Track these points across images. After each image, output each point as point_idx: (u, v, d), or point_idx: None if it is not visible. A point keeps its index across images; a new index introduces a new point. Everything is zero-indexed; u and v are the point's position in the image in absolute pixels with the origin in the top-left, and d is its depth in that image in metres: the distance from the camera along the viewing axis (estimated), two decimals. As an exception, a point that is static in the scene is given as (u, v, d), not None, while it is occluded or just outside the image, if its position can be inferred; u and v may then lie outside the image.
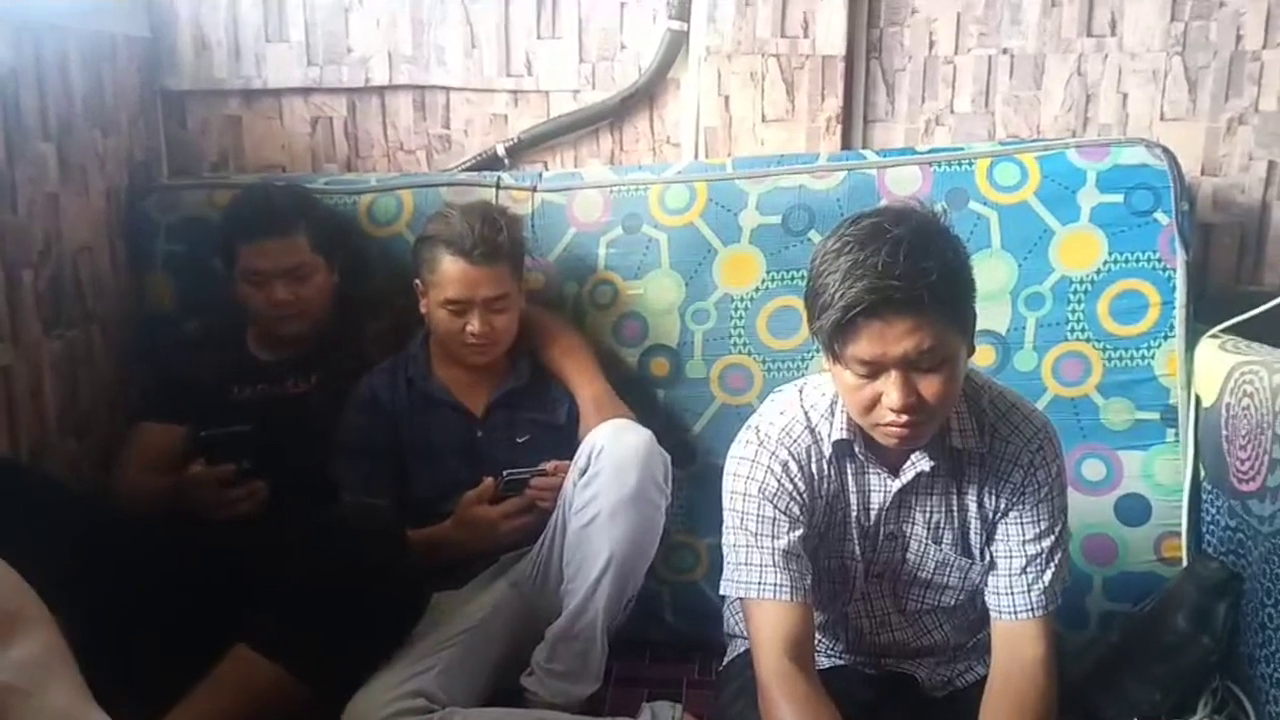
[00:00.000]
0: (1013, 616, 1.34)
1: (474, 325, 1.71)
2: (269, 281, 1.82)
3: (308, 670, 1.45)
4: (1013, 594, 1.35)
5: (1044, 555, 1.35)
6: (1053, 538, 1.36)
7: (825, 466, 1.36)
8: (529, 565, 1.72)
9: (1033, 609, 1.34)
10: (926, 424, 1.25)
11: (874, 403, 1.24)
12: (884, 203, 1.88)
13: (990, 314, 1.86)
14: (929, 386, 1.22)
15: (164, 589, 1.52)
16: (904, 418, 1.22)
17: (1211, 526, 1.74)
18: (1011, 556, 1.36)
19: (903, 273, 1.16)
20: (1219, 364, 1.71)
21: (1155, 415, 1.83)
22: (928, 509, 1.37)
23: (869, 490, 1.37)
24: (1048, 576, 1.35)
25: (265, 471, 1.66)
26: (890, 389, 1.21)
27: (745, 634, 1.42)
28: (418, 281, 1.78)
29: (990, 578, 1.38)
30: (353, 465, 1.77)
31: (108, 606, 1.42)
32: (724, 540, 1.39)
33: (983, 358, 1.85)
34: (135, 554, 1.54)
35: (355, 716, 1.43)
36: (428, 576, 1.68)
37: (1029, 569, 1.35)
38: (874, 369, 1.21)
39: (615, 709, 1.63)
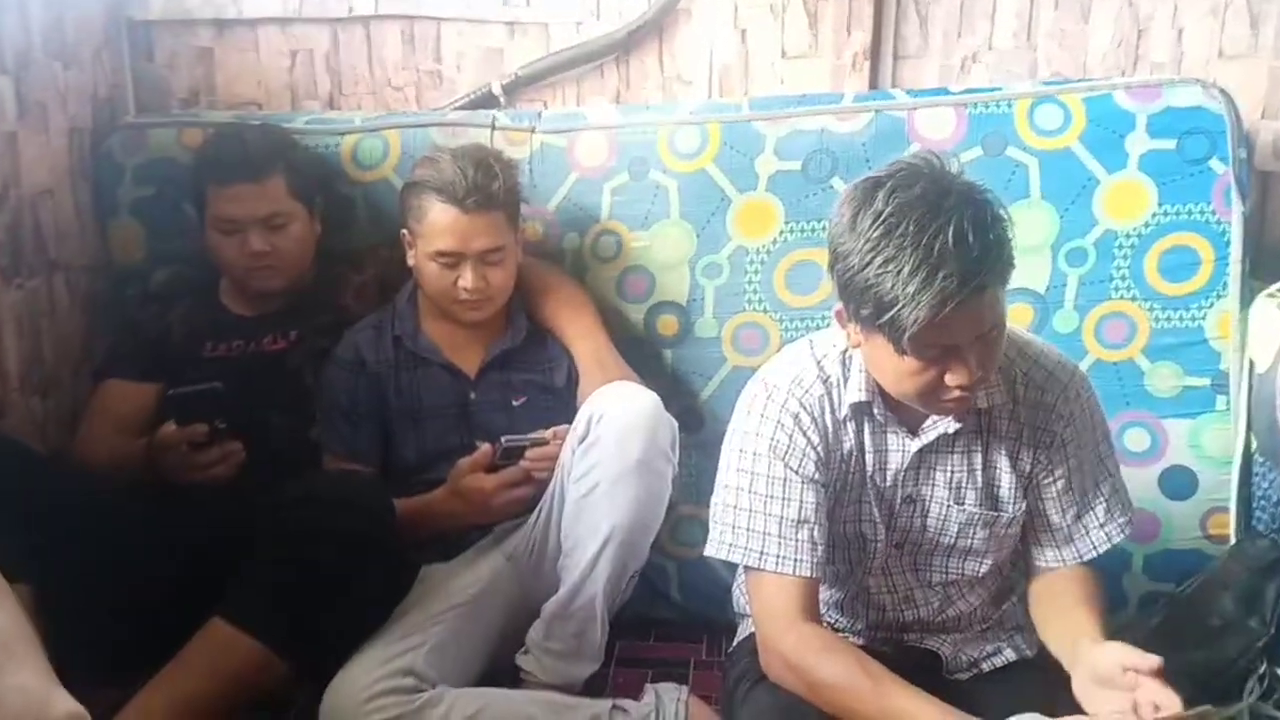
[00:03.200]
0: (1077, 560, 1.42)
1: (467, 280, 1.72)
2: (243, 230, 1.83)
3: (288, 646, 1.48)
4: (1072, 542, 1.42)
5: (1099, 499, 1.42)
6: (1107, 480, 1.43)
7: (840, 421, 1.38)
8: (525, 537, 1.74)
9: (1096, 548, 1.42)
10: (980, 387, 1.31)
11: (938, 383, 1.27)
12: (914, 147, 1.88)
13: (1028, 270, 1.86)
14: (987, 354, 1.27)
15: (136, 558, 1.56)
16: (967, 390, 1.27)
17: (1263, 502, 1.76)
18: (1066, 509, 1.41)
19: (980, 256, 1.19)
20: (1275, 325, 1.71)
21: (1205, 381, 1.84)
22: (949, 469, 1.40)
23: (886, 450, 1.40)
24: (1101, 515, 1.42)
25: (241, 433, 1.68)
26: (964, 368, 1.25)
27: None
28: (405, 231, 1.79)
29: (1043, 535, 1.43)
30: (336, 428, 1.80)
31: (76, 577, 1.45)
32: (719, 498, 1.42)
33: (1019, 317, 1.87)
34: (105, 521, 1.57)
35: (339, 695, 1.46)
36: (416, 548, 1.71)
37: (1084, 516, 1.41)
38: (947, 351, 1.24)
39: (618, 690, 1.67)
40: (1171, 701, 1.16)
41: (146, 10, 2.17)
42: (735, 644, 1.57)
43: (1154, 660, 1.17)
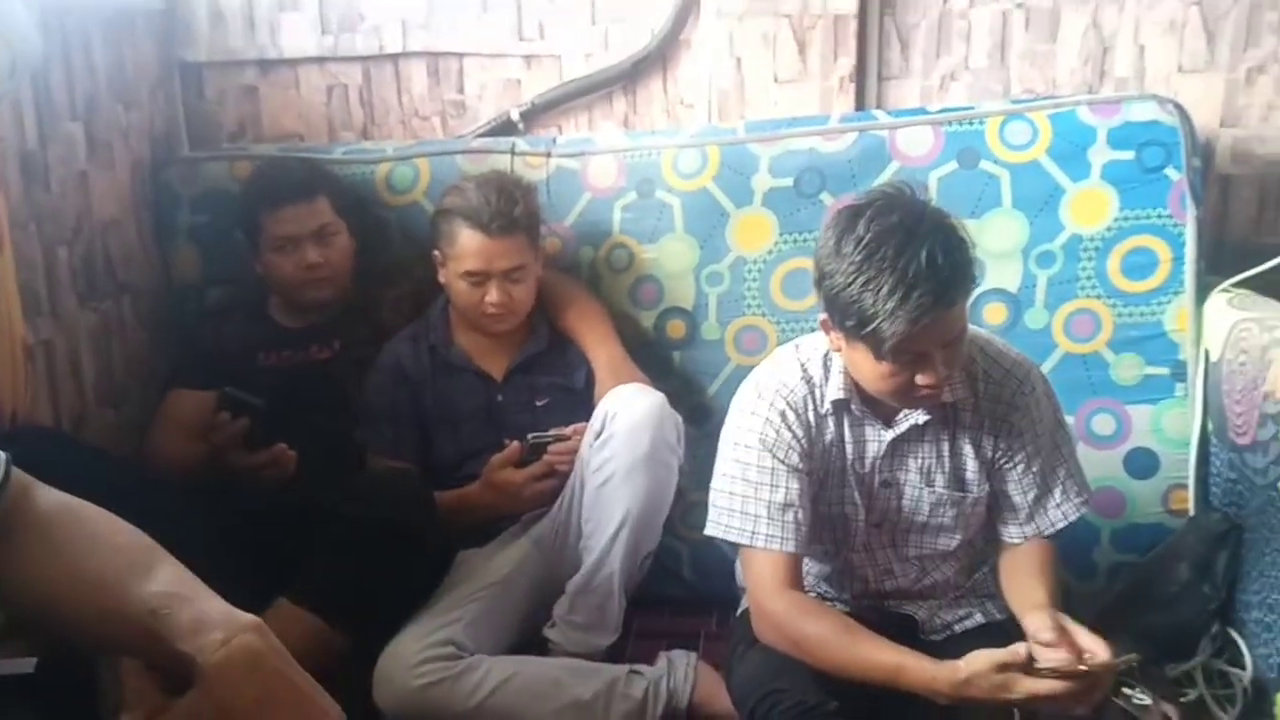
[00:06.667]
0: (1037, 537, 1.58)
1: (493, 295, 1.90)
2: (299, 246, 2.02)
3: (345, 621, 1.67)
4: (1033, 520, 1.58)
5: (1056, 482, 1.58)
6: (1063, 465, 1.59)
7: (822, 416, 1.56)
8: (550, 524, 1.93)
9: (1054, 525, 1.58)
10: (947, 384, 1.48)
11: (909, 384, 1.44)
12: (895, 164, 2.05)
13: (1001, 273, 2.03)
14: (952, 357, 1.45)
15: (205, 550, 1.74)
16: (935, 388, 1.44)
17: (1216, 479, 1.92)
18: (1026, 491, 1.58)
19: (949, 276, 1.37)
20: (1224, 319, 1.87)
21: (1165, 370, 2.00)
22: (920, 456, 1.58)
23: (864, 441, 1.58)
24: (1058, 496, 1.58)
25: (293, 434, 1.86)
26: (933, 370, 1.42)
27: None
28: (436, 253, 1.97)
29: (1007, 514, 1.60)
30: (378, 430, 1.98)
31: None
32: (716, 485, 1.59)
33: (994, 316, 2.04)
34: (177, 517, 1.74)
35: (390, 663, 1.65)
36: (454, 535, 1.89)
37: (1043, 497, 1.58)
38: (919, 356, 1.41)
39: (635, 659, 1.83)
40: (1099, 647, 1.34)
41: (196, 53, 2.36)
42: (738, 614, 1.75)
43: (1045, 635, 1.37)
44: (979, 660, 1.35)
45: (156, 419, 2.07)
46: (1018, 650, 1.34)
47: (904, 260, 1.36)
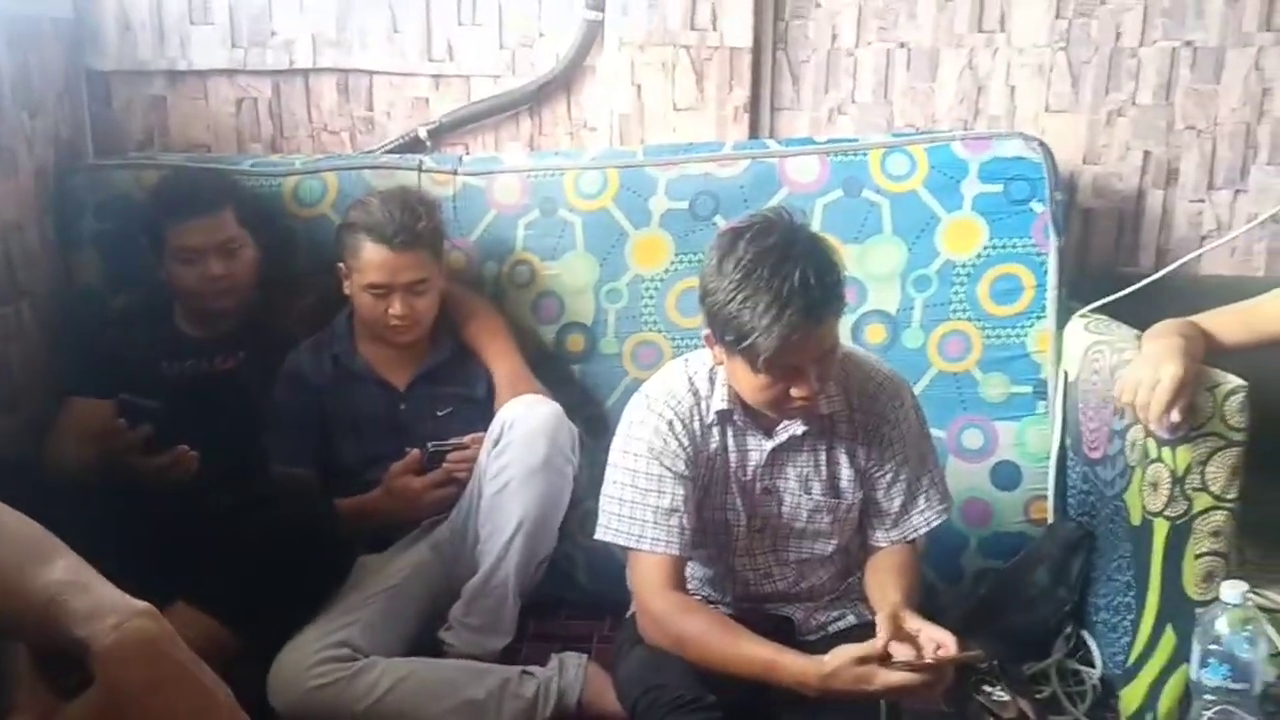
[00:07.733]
0: (901, 541, 1.68)
1: (396, 308, 1.94)
2: (202, 258, 2.02)
3: (243, 624, 1.68)
4: (898, 525, 1.68)
5: (921, 490, 1.68)
6: (927, 474, 1.69)
7: (707, 426, 1.63)
8: (448, 529, 1.97)
9: (917, 530, 1.69)
10: (821, 394, 1.56)
11: (784, 396, 1.52)
12: (785, 190, 2.15)
13: (881, 295, 2.14)
14: (824, 371, 1.53)
15: (103, 555, 1.74)
16: (808, 400, 1.52)
17: (1072, 490, 2.04)
18: (894, 498, 1.67)
19: (819, 296, 1.45)
20: (1081, 342, 1.99)
21: (1028, 389, 2.12)
22: (799, 465, 1.66)
23: (746, 450, 1.65)
24: (922, 503, 1.68)
25: (196, 442, 1.86)
26: (805, 383, 1.50)
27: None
28: (341, 265, 2.00)
29: (875, 519, 1.69)
30: (281, 438, 2.00)
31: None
32: (606, 491, 1.65)
33: (874, 335, 2.14)
34: (75, 523, 1.73)
35: (285, 664, 1.67)
36: (354, 541, 1.91)
37: (909, 504, 1.68)
38: (792, 370, 1.49)
39: (530, 662, 1.85)
40: (948, 640, 1.43)
41: (104, 62, 2.36)
42: (627, 616, 1.81)
43: (879, 641, 1.45)
44: (842, 654, 1.43)
45: (55, 425, 2.05)
46: (875, 644, 1.43)
47: (778, 280, 1.44)
